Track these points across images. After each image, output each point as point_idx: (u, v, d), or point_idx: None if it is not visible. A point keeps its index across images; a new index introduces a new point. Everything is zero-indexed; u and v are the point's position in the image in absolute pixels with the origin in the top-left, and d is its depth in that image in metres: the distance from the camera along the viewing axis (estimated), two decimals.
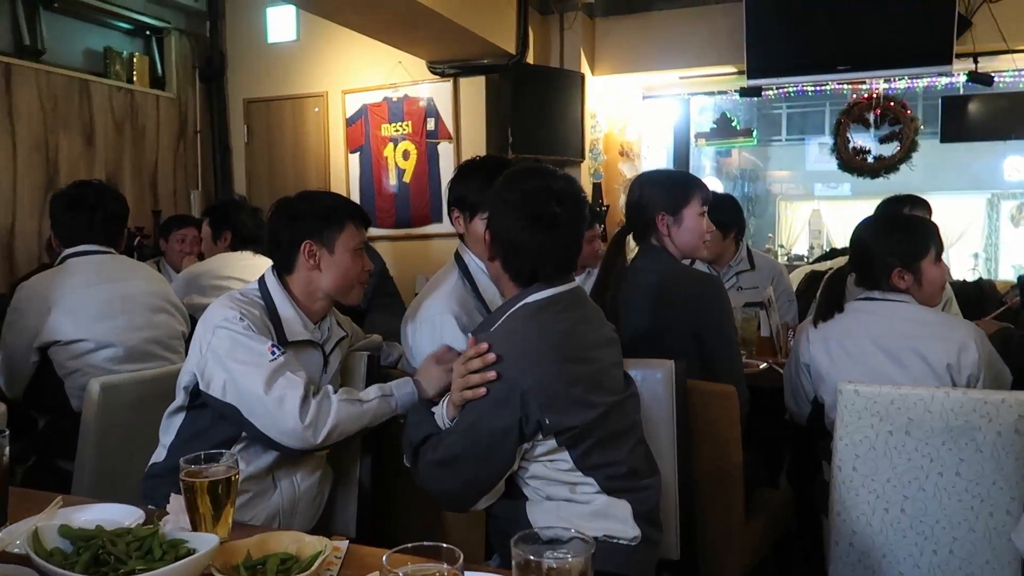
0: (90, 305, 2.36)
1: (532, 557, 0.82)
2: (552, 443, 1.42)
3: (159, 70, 5.13)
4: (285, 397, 1.56)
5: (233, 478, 1.21)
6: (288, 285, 1.75)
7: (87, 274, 2.41)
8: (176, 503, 1.25)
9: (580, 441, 1.42)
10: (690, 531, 1.82)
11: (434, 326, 1.88)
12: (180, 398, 1.70)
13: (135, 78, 4.89)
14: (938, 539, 1.84)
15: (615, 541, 1.43)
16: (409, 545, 0.84)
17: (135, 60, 4.91)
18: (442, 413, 1.51)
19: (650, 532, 1.48)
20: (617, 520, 1.44)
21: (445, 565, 0.82)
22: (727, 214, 3.14)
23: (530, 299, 1.47)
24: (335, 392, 1.64)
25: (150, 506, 1.37)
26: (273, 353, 1.59)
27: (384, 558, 0.82)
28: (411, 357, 1.95)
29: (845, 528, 1.93)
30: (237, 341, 1.60)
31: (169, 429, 1.72)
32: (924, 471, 1.84)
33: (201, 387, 1.63)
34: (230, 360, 1.60)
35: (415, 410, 1.62)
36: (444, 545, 0.83)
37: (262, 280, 1.76)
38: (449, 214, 2.08)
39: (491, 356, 1.40)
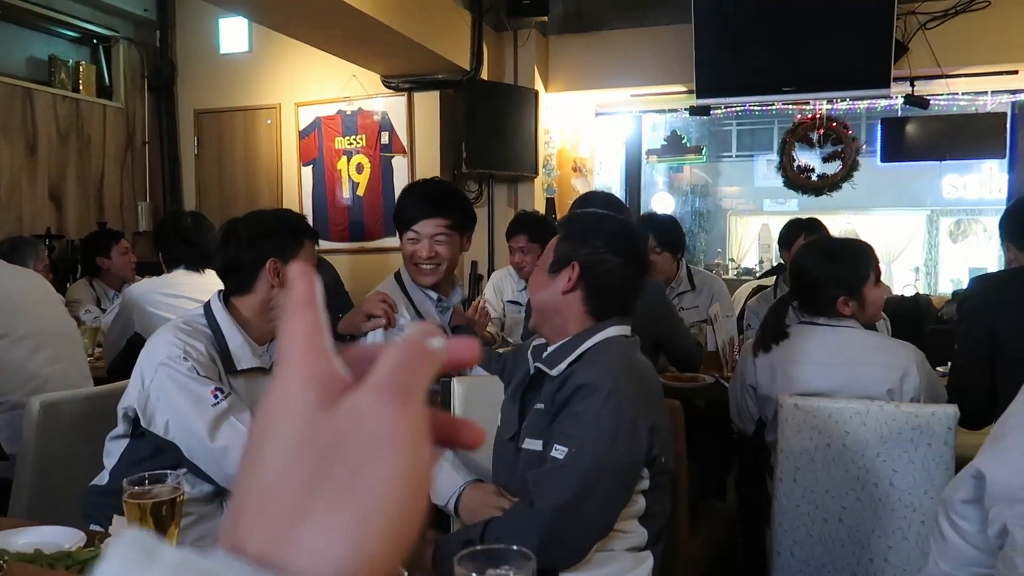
0: None
1: (475, 574, 0.84)
2: (646, 483, 1.41)
3: (106, 79, 5.04)
4: (229, 448, 1.55)
5: (178, 499, 1.20)
6: (236, 308, 1.74)
7: None
8: (119, 524, 1.24)
9: (658, 490, 1.43)
10: None
11: None
12: (122, 426, 1.67)
13: (81, 87, 4.79)
14: (874, 548, 1.91)
15: None
16: None
17: (81, 69, 4.81)
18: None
19: None
20: (642, 571, 1.45)
21: None
22: (675, 234, 3.22)
23: (613, 331, 1.49)
24: None
25: (93, 526, 1.35)
26: (216, 397, 1.57)
27: None
28: None
29: (786, 538, 1.98)
30: (180, 384, 1.58)
31: (111, 453, 1.70)
32: (860, 482, 1.91)
33: (143, 423, 1.61)
34: (173, 403, 1.58)
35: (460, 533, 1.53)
36: None
37: (208, 307, 1.74)
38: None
39: None
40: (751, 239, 14.00)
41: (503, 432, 1.57)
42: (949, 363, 2.82)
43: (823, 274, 2.11)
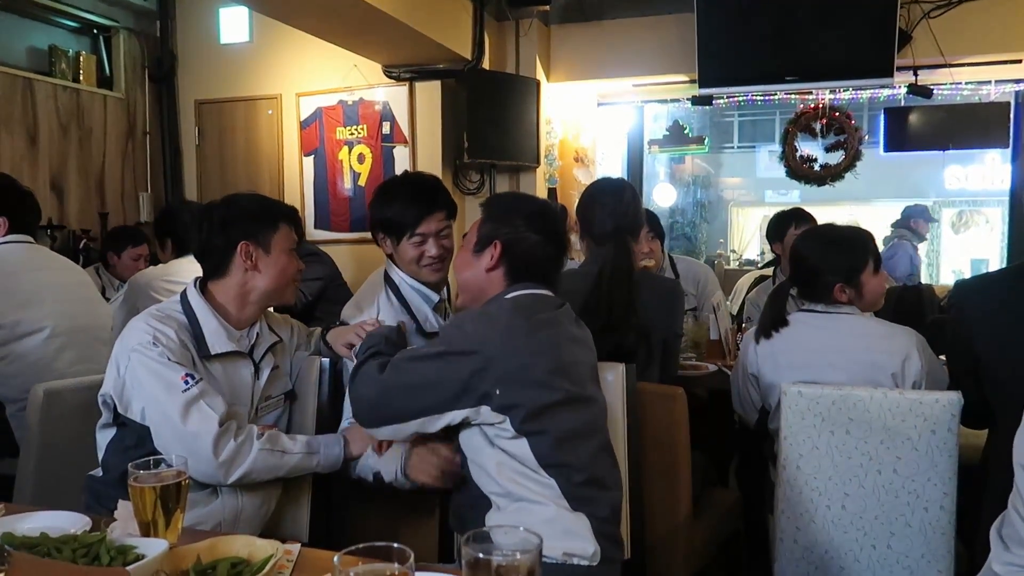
0: (17, 291, 2.37)
1: (481, 555, 0.84)
2: (508, 427, 1.44)
3: (107, 70, 5.01)
4: (199, 434, 1.55)
5: (183, 483, 1.21)
6: (213, 294, 1.73)
7: (14, 262, 2.44)
8: (124, 509, 1.24)
9: (538, 430, 1.44)
10: (639, 530, 1.86)
11: None
12: (105, 415, 1.68)
13: (81, 77, 4.77)
14: (877, 534, 1.91)
15: (574, 561, 1.43)
16: (360, 546, 0.85)
17: (81, 59, 4.79)
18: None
19: (610, 550, 1.48)
20: (577, 537, 1.44)
21: (396, 564, 0.83)
22: (659, 223, 3.27)
23: (515, 293, 1.56)
24: (259, 436, 1.62)
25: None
26: (186, 383, 1.57)
27: (335, 558, 0.83)
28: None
29: (789, 525, 1.99)
30: (151, 369, 1.58)
31: (101, 444, 1.70)
32: (864, 469, 1.91)
33: (120, 410, 1.62)
34: (145, 389, 1.58)
35: (375, 335, 1.70)
36: (395, 545, 0.84)
37: (184, 295, 1.73)
38: (374, 237, 2.03)
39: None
40: (753, 230, 13.99)
41: None
42: None
43: (821, 261, 2.11)
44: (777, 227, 3.55)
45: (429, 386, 1.48)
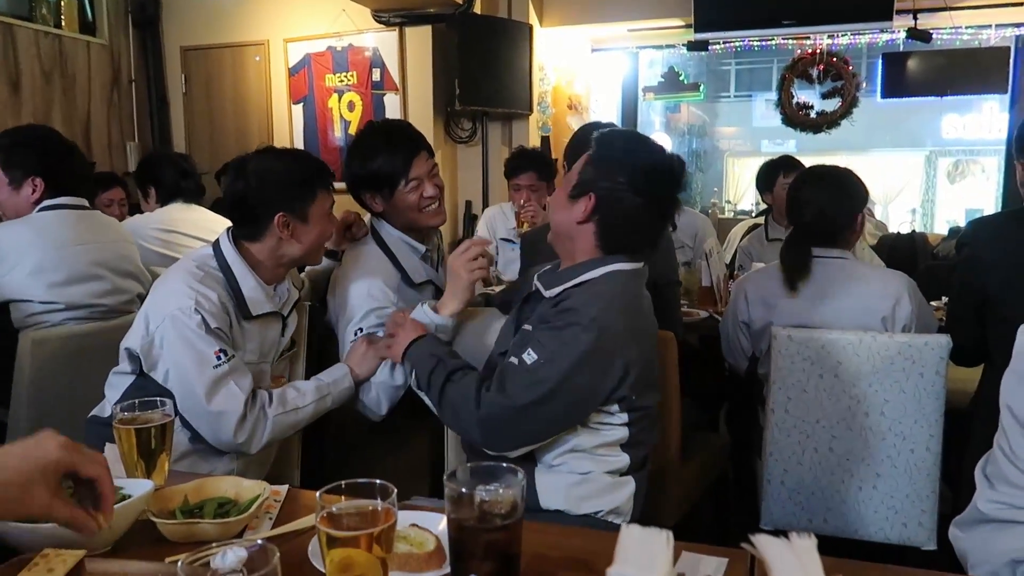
0: (61, 267, 2.19)
1: (464, 490, 0.84)
2: (624, 417, 1.40)
3: (89, 15, 4.89)
4: (224, 413, 1.53)
5: (168, 425, 1.20)
6: (248, 249, 1.67)
7: (62, 233, 2.21)
8: (111, 452, 1.24)
9: (642, 421, 1.42)
10: None
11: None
12: (127, 365, 1.64)
13: (63, 23, 4.65)
14: (863, 475, 1.93)
15: (610, 519, 1.43)
16: (343, 483, 0.85)
17: (63, 3, 4.66)
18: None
19: (638, 509, 1.49)
20: (622, 498, 1.44)
21: (379, 501, 0.83)
22: None
23: (617, 267, 1.44)
24: (270, 404, 1.60)
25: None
26: (219, 359, 1.53)
27: (318, 495, 0.83)
28: (345, 349, 1.85)
29: (777, 467, 2.01)
30: (185, 339, 1.53)
31: (115, 386, 1.66)
32: (851, 412, 1.92)
33: (144, 368, 1.58)
34: (176, 356, 1.54)
35: (421, 357, 1.51)
36: (377, 482, 0.84)
37: (218, 248, 1.66)
38: (358, 198, 1.95)
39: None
40: (748, 180, 13.91)
41: (497, 349, 1.56)
42: (944, 298, 2.83)
43: (829, 204, 2.08)
44: (767, 176, 3.52)
45: (577, 407, 1.36)
